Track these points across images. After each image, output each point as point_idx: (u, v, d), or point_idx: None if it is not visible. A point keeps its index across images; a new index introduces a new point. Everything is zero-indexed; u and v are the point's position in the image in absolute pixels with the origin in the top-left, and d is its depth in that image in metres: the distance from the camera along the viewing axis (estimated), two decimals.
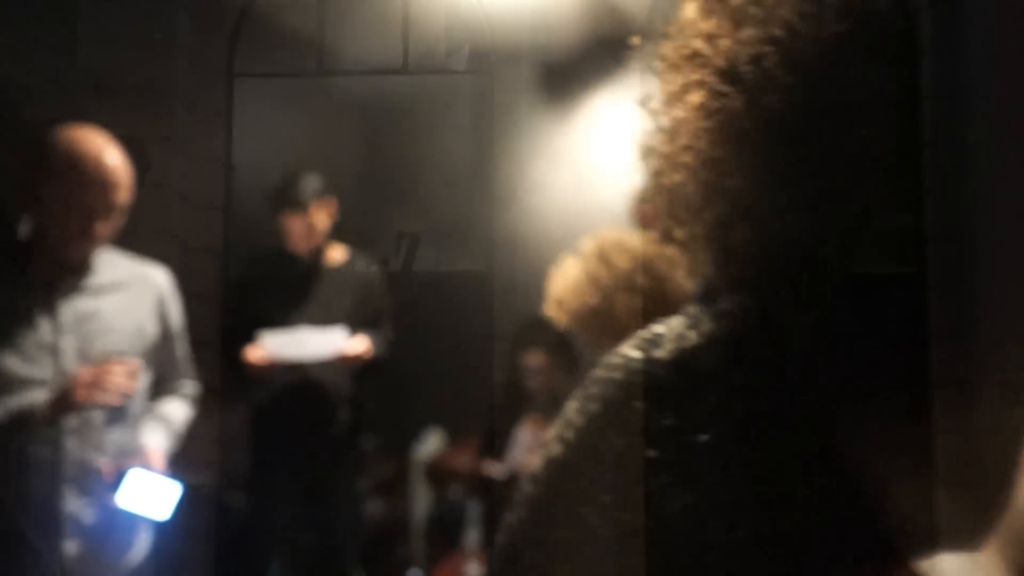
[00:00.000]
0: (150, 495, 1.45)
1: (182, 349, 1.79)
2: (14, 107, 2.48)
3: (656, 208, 0.60)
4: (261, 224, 2.54)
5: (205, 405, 1.93)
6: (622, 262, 1.58)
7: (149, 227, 1.83)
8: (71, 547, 1.47)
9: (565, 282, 1.63)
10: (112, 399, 1.42)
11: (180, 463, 1.69)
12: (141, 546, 1.64)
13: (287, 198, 2.43)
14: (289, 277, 2.53)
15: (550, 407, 3.16)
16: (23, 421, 1.39)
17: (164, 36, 3.04)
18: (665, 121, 0.54)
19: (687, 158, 0.51)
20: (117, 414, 1.47)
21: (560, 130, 3.97)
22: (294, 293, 2.52)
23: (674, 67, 0.53)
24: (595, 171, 3.99)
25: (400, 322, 2.91)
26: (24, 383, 1.43)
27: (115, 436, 1.51)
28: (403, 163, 4.33)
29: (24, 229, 1.51)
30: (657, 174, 0.56)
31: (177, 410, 1.78)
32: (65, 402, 1.40)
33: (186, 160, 3.08)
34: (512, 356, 3.23)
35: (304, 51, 3.87)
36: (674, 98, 0.52)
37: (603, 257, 1.59)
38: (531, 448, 3.19)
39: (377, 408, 3.03)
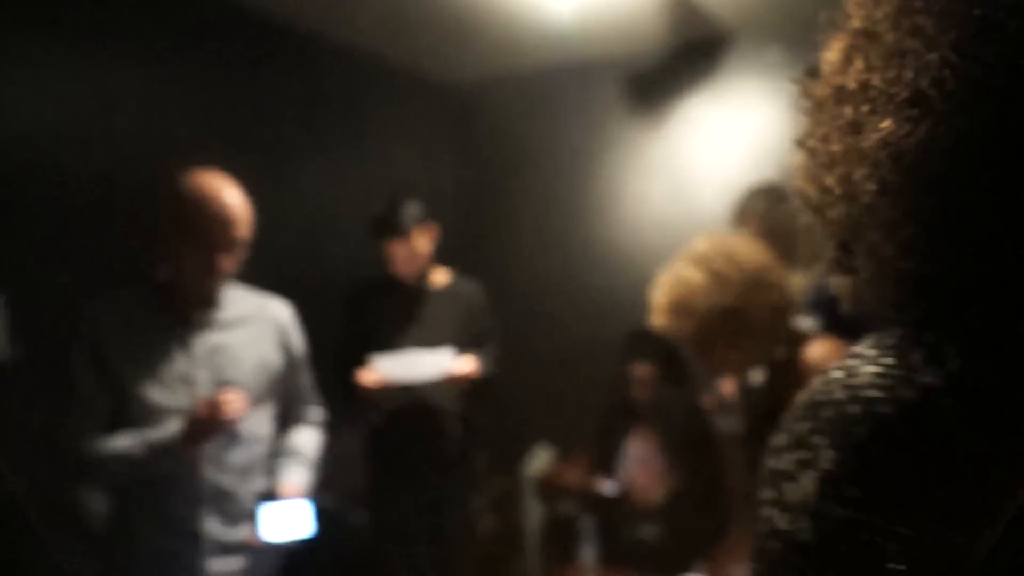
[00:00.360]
0: (286, 520, 1.54)
1: (306, 377, 1.87)
2: (150, 154, 2.72)
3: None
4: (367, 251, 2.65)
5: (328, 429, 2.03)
6: (749, 261, 1.52)
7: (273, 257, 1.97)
8: (212, 565, 1.58)
9: (684, 286, 1.54)
10: (230, 426, 1.52)
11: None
12: (274, 563, 1.74)
13: (389, 225, 2.52)
14: (396, 302, 2.62)
15: (658, 419, 3.13)
16: (163, 453, 1.50)
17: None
18: (824, 156, 0.53)
19: (869, 187, 0.49)
20: (236, 438, 1.57)
21: (653, 138, 3.95)
22: (401, 317, 2.60)
23: (834, 103, 0.52)
24: (689, 179, 3.94)
25: (506, 340, 2.96)
26: (164, 413, 1.54)
27: (237, 458, 1.61)
28: (499, 176, 4.40)
29: (162, 270, 1.65)
30: (821, 208, 0.55)
31: (309, 440, 1.86)
32: (195, 434, 1.50)
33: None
34: (619, 368, 3.21)
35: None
36: (843, 132, 0.51)
37: (730, 256, 1.52)
38: (640, 461, 3.16)
39: (487, 426, 3.08)
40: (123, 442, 1.51)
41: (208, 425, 1.50)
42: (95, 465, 1.51)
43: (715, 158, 3.83)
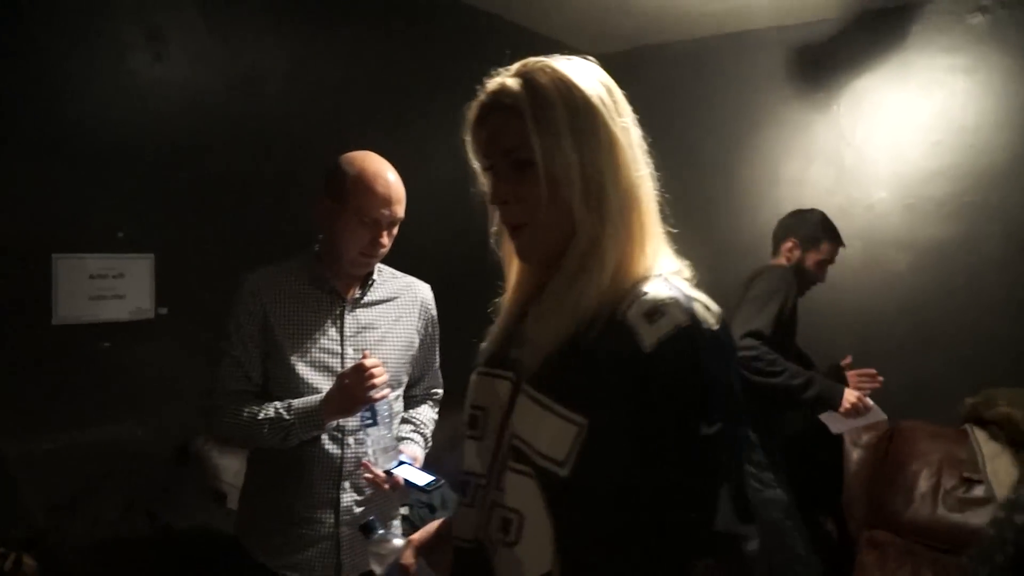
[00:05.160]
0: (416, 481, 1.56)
1: (436, 357, 1.88)
2: (300, 128, 2.78)
3: None
4: None
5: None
6: None
7: None
8: (344, 533, 1.61)
9: None
10: (377, 397, 1.52)
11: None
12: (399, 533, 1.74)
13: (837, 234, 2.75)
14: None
15: None
16: (305, 418, 1.52)
17: None
18: None
19: None
20: (374, 414, 1.57)
21: (819, 118, 3.55)
22: None
23: None
24: (856, 166, 3.52)
25: None
26: (313, 383, 1.58)
27: (376, 434, 1.61)
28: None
29: (318, 247, 1.67)
30: None
31: (429, 414, 1.88)
32: (339, 401, 1.52)
33: None
34: None
35: None
36: None
37: None
38: None
39: None
40: (270, 408, 1.56)
41: (353, 392, 1.51)
42: (244, 427, 1.56)
43: (888, 143, 3.41)
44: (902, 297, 3.33)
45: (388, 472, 1.57)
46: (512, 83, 0.89)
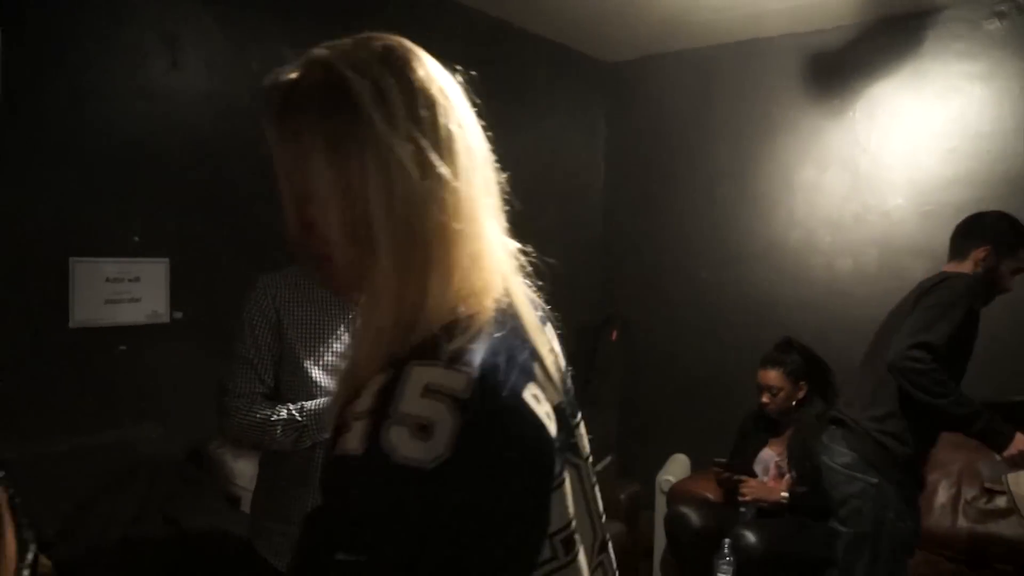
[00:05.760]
0: None
1: None
2: None
3: None
4: None
5: None
6: None
7: None
8: None
9: None
10: None
11: None
12: None
13: None
14: None
15: (790, 428, 2.89)
16: (316, 419, 1.53)
17: None
18: None
19: None
20: None
21: (834, 124, 3.53)
22: None
23: None
24: (871, 172, 3.49)
25: (653, 339, 2.79)
26: (324, 391, 1.58)
27: None
28: (653, 159, 4.16)
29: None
30: None
31: None
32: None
33: None
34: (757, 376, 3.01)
35: None
36: None
37: None
38: (769, 469, 2.94)
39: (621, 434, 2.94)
40: (283, 410, 1.56)
41: None
42: (256, 428, 1.55)
43: (904, 150, 3.38)
44: None
45: None
46: (273, 90, 0.73)
